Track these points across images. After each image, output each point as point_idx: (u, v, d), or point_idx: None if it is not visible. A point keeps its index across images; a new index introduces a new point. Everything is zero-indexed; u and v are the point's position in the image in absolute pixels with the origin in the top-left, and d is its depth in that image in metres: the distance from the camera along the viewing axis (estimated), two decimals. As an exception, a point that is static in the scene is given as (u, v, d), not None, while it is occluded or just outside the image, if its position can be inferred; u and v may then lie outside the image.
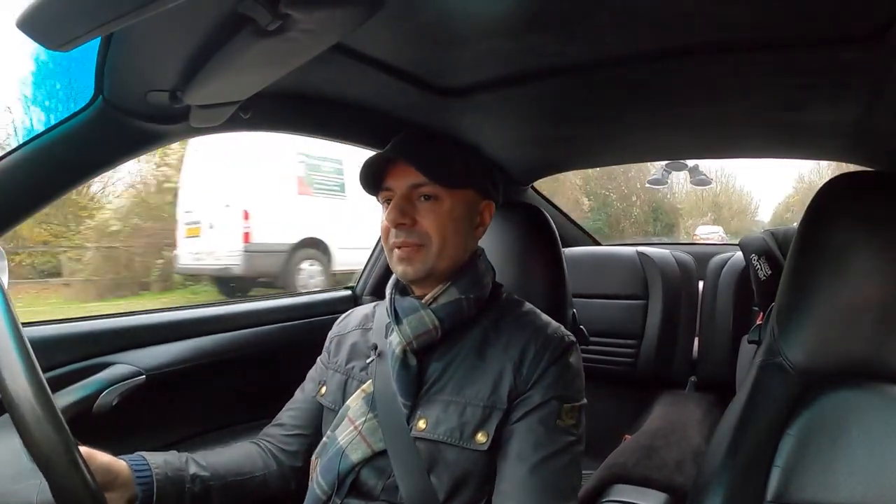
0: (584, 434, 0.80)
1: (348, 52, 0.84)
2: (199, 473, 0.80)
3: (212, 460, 0.84)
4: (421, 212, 0.82)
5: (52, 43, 0.52)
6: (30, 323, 0.98)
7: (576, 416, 0.79)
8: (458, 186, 0.84)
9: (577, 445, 0.78)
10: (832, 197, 0.86)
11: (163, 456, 0.78)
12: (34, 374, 0.55)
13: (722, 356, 1.79)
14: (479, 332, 0.84)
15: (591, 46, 0.84)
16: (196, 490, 0.78)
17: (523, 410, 0.77)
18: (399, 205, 0.82)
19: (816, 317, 0.82)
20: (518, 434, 0.76)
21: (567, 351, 0.82)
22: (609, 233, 15.48)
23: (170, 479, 0.75)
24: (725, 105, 1.12)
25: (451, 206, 0.83)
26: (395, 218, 0.81)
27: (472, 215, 0.88)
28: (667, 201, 19.14)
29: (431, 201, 0.83)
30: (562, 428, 0.76)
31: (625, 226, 17.07)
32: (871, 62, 0.81)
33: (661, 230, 17.79)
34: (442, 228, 0.82)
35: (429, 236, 0.82)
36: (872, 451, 0.73)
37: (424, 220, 0.82)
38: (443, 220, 0.82)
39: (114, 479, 0.70)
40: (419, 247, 0.82)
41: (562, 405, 0.77)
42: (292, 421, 0.94)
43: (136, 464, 0.74)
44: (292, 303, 1.47)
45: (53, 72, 6.60)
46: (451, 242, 0.83)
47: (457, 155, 0.87)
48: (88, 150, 0.81)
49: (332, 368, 0.94)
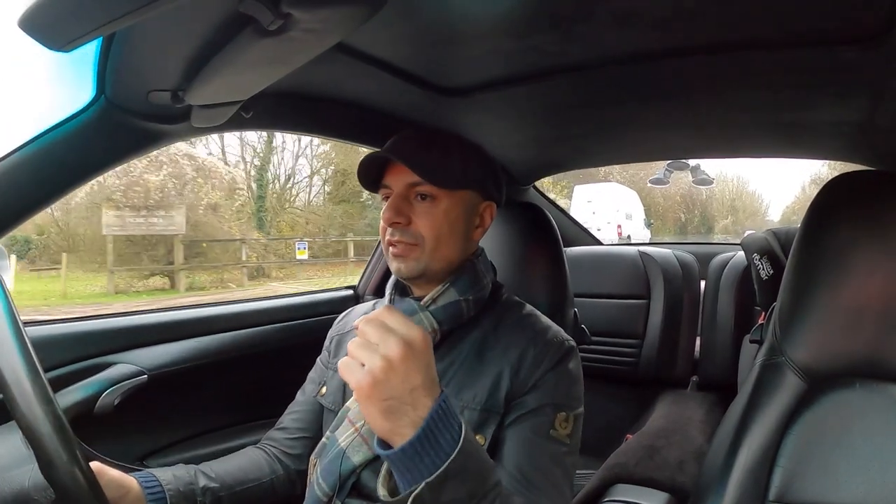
0: (578, 443, 0.79)
1: (350, 52, 0.84)
2: (209, 485, 0.80)
3: (219, 470, 0.84)
4: (417, 211, 0.82)
5: (54, 43, 0.52)
6: (31, 322, 0.98)
7: (571, 425, 0.77)
8: (455, 187, 0.83)
9: (570, 456, 0.77)
10: (834, 196, 0.86)
11: (171, 471, 0.78)
12: (36, 374, 0.55)
13: (724, 356, 1.79)
14: (478, 334, 0.84)
15: (593, 46, 0.84)
16: (207, 502, 0.78)
17: (517, 414, 0.76)
18: (395, 204, 0.81)
19: (818, 316, 0.82)
20: (510, 441, 0.75)
21: (566, 356, 0.81)
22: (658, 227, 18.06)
23: (182, 494, 0.75)
24: (726, 104, 1.12)
25: (447, 207, 0.82)
26: (391, 217, 0.81)
27: (471, 216, 0.87)
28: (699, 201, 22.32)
29: (428, 201, 0.82)
30: (555, 438, 0.75)
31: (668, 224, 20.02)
32: (873, 62, 0.81)
33: (701, 230, 21.41)
34: (436, 229, 0.81)
35: (423, 236, 0.81)
36: (875, 451, 0.72)
37: (419, 219, 0.81)
38: (438, 220, 0.81)
39: (125, 494, 0.70)
40: (413, 245, 0.81)
41: (556, 414, 0.76)
42: (295, 424, 0.94)
43: (146, 480, 0.74)
44: (294, 302, 1.47)
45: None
46: (445, 243, 0.82)
47: (456, 155, 0.85)
48: (90, 150, 0.81)
49: (332, 369, 0.94)
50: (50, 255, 12.67)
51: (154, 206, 10.73)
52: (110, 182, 10.64)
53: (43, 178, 0.78)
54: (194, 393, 1.19)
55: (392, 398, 0.55)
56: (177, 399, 1.16)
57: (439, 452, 0.55)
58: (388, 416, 0.56)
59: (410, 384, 0.56)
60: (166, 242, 10.95)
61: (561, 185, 18.48)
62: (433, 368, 0.59)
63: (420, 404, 0.56)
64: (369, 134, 1.19)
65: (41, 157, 0.77)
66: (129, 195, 10.64)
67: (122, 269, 10.74)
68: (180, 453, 1.15)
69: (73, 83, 0.76)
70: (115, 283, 10.52)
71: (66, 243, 12.00)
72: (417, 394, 0.56)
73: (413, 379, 0.56)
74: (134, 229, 10.69)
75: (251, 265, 12.40)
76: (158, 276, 11.21)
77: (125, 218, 10.58)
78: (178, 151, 11.26)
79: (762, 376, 0.85)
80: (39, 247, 13.03)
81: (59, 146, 0.78)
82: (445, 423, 0.57)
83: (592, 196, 14.92)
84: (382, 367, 0.55)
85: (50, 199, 0.80)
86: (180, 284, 11.00)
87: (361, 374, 0.56)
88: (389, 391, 0.55)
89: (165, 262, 11.09)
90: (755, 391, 0.85)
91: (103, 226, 10.38)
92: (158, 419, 1.13)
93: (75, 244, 11.82)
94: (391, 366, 0.55)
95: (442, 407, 0.57)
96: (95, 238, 11.04)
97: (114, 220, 10.48)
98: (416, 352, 0.57)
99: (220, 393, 1.25)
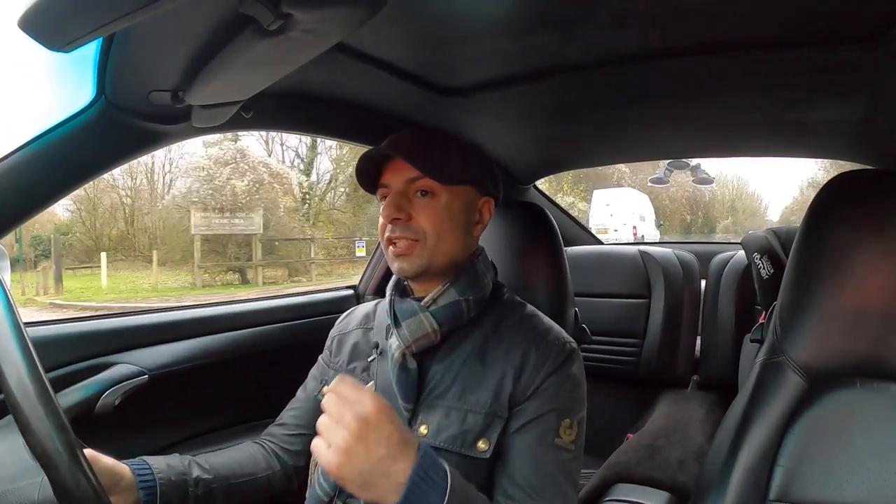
0: (581, 448, 0.79)
1: (350, 52, 0.84)
2: (202, 476, 0.80)
3: (214, 462, 0.84)
4: (416, 207, 0.81)
5: (54, 43, 0.52)
6: (32, 323, 0.98)
7: (575, 431, 0.77)
8: (454, 182, 0.83)
9: (575, 462, 0.76)
10: (834, 195, 0.86)
11: (165, 459, 0.78)
12: (37, 374, 0.55)
13: (724, 355, 1.79)
14: (479, 335, 0.84)
15: (592, 46, 0.84)
16: (199, 493, 0.78)
17: (521, 421, 0.76)
18: (395, 200, 0.81)
19: (819, 315, 0.82)
20: (515, 450, 0.75)
21: (568, 359, 0.81)
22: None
23: (173, 483, 0.75)
24: (726, 104, 1.12)
25: (447, 202, 0.82)
26: (391, 213, 0.80)
27: (470, 212, 0.86)
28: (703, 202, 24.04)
29: (428, 197, 0.81)
30: (559, 446, 0.75)
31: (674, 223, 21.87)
32: (873, 61, 0.81)
33: (704, 230, 22.94)
34: (438, 224, 0.81)
35: (424, 232, 0.81)
36: (875, 450, 0.72)
37: (420, 215, 0.81)
38: (439, 215, 0.81)
39: (117, 482, 0.70)
40: (414, 241, 0.81)
41: (561, 421, 0.76)
42: (294, 420, 0.94)
43: (139, 468, 0.74)
44: (295, 302, 1.47)
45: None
46: (446, 238, 0.82)
47: (454, 151, 0.85)
48: (90, 150, 0.81)
49: (334, 368, 0.94)
50: (75, 253, 14.00)
51: (235, 209, 12.22)
52: (196, 187, 12.32)
53: (43, 178, 0.78)
54: (195, 393, 1.19)
55: (362, 472, 0.57)
56: (177, 399, 1.16)
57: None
58: (366, 488, 0.58)
59: (375, 456, 0.57)
60: (236, 241, 12.49)
61: (580, 188, 20.02)
62: (398, 430, 0.60)
63: (392, 472, 0.58)
64: (369, 134, 1.19)
65: (41, 158, 0.77)
66: (217, 199, 12.16)
67: (208, 265, 12.32)
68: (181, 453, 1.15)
69: (73, 83, 0.76)
70: (201, 278, 12.05)
71: (151, 241, 13.80)
72: (385, 463, 0.58)
73: (376, 451, 0.57)
74: (218, 229, 12.17)
75: (319, 261, 13.83)
76: (230, 273, 12.75)
77: (211, 219, 12.09)
78: (256, 159, 13.03)
79: (763, 376, 0.85)
80: (66, 245, 13.94)
81: (59, 146, 0.77)
82: (429, 482, 0.58)
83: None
84: (342, 447, 0.57)
85: (50, 200, 0.80)
86: (258, 279, 12.46)
87: (329, 455, 0.58)
88: (357, 466, 0.57)
89: (243, 258, 12.64)
90: (756, 390, 0.85)
91: (192, 226, 11.86)
92: (159, 419, 1.13)
93: (161, 242, 13.57)
94: (349, 446, 0.57)
95: (421, 466, 0.58)
96: (172, 237, 12.94)
97: (201, 221, 11.93)
98: (370, 424, 0.58)
99: (221, 393, 1.25)
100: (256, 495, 0.86)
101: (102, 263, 12.00)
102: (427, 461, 0.59)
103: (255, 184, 12.53)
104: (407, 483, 0.57)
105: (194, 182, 12.43)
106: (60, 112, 0.77)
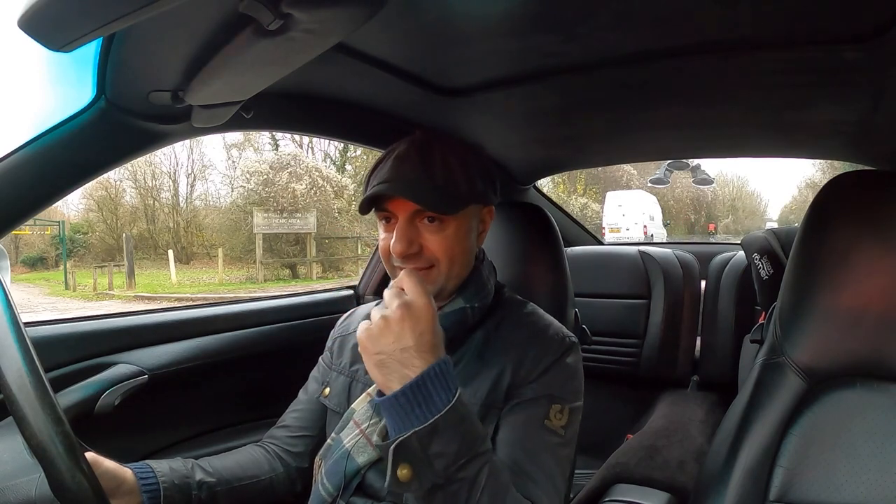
0: (573, 437, 0.78)
1: (350, 52, 0.84)
2: (205, 479, 0.80)
3: (217, 465, 0.84)
4: (426, 235, 0.79)
5: (54, 43, 0.52)
6: (32, 323, 0.98)
7: (566, 417, 0.77)
8: (462, 207, 0.80)
9: (565, 448, 0.76)
10: (834, 196, 0.86)
11: (168, 463, 0.78)
12: (36, 374, 0.55)
13: (724, 355, 1.79)
14: (481, 335, 0.84)
15: (593, 46, 0.84)
16: (203, 497, 0.78)
17: (513, 402, 0.77)
18: (404, 234, 0.77)
19: (819, 316, 0.82)
20: (504, 428, 0.76)
21: (566, 352, 0.81)
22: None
23: (176, 487, 0.75)
24: (727, 104, 1.12)
25: (456, 227, 0.80)
26: (403, 250, 0.77)
27: (476, 226, 0.86)
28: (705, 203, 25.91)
29: (436, 223, 0.79)
30: (549, 428, 0.75)
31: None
32: (873, 61, 0.81)
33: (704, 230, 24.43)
34: (450, 250, 0.80)
35: (437, 259, 0.79)
36: (875, 451, 0.72)
37: (431, 243, 0.79)
38: (450, 242, 0.79)
39: (119, 485, 0.70)
40: (428, 269, 0.79)
41: (552, 405, 0.76)
42: (297, 422, 0.94)
43: (141, 471, 0.73)
44: (295, 302, 1.47)
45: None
46: (458, 262, 0.81)
47: (457, 168, 0.81)
48: (90, 150, 0.81)
49: (336, 370, 0.94)
50: (94, 253, 15.36)
51: (293, 210, 13.50)
52: (259, 189, 13.72)
53: (43, 178, 0.78)
54: (195, 393, 1.19)
55: (383, 353, 0.63)
56: (177, 399, 1.16)
57: (431, 407, 0.60)
58: (379, 369, 0.63)
59: (402, 344, 0.62)
60: (287, 239, 13.96)
61: (593, 189, 21.65)
62: (433, 335, 0.64)
63: (410, 364, 0.61)
64: (369, 134, 1.19)
65: (42, 158, 0.77)
66: (279, 200, 13.46)
67: (271, 261, 13.72)
68: (181, 454, 1.14)
69: (73, 83, 0.76)
70: (263, 274, 13.48)
71: (216, 240, 15.43)
72: (408, 354, 0.62)
73: (405, 340, 0.62)
74: (278, 228, 13.46)
75: (365, 258, 14.64)
76: (283, 268, 14.25)
77: (271, 219, 13.38)
78: (310, 164, 14.48)
79: (763, 376, 0.85)
80: (86, 244, 14.89)
81: (59, 146, 0.77)
82: (442, 383, 0.61)
83: (623, 201, 17.59)
84: (379, 324, 0.63)
85: (50, 200, 0.80)
86: (311, 273, 13.96)
87: (363, 328, 0.64)
88: (381, 347, 0.63)
89: (299, 255, 14.05)
90: (756, 391, 0.85)
91: (254, 226, 13.26)
92: (159, 419, 1.13)
93: (219, 242, 15.04)
94: (387, 325, 0.63)
95: (440, 368, 0.62)
96: (232, 235, 14.53)
97: (262, 221, 13.30)
98: (413, 315, 0.63)
99: (221, 393, 1.25)
100: (259, 498, 0.86)
101: (170, 259, 13.53)
102: (446, 371, 0.63)
103: (311, 187, 13.84)
104: (417, 375, 0.61)
105: (256, 185, 13.83)
106: (60, 112, 0.77)
